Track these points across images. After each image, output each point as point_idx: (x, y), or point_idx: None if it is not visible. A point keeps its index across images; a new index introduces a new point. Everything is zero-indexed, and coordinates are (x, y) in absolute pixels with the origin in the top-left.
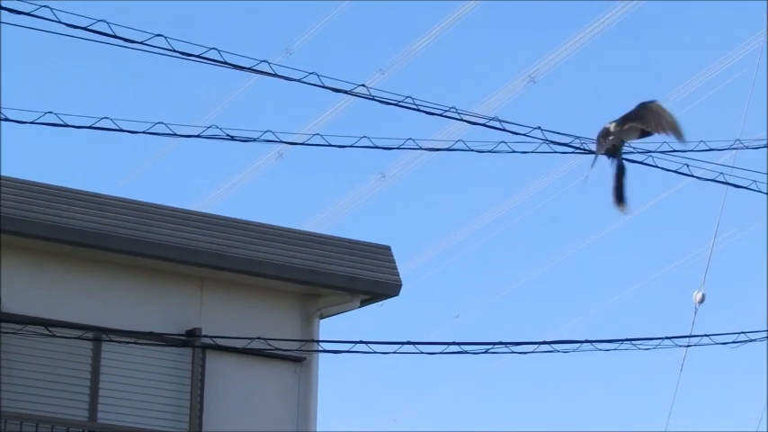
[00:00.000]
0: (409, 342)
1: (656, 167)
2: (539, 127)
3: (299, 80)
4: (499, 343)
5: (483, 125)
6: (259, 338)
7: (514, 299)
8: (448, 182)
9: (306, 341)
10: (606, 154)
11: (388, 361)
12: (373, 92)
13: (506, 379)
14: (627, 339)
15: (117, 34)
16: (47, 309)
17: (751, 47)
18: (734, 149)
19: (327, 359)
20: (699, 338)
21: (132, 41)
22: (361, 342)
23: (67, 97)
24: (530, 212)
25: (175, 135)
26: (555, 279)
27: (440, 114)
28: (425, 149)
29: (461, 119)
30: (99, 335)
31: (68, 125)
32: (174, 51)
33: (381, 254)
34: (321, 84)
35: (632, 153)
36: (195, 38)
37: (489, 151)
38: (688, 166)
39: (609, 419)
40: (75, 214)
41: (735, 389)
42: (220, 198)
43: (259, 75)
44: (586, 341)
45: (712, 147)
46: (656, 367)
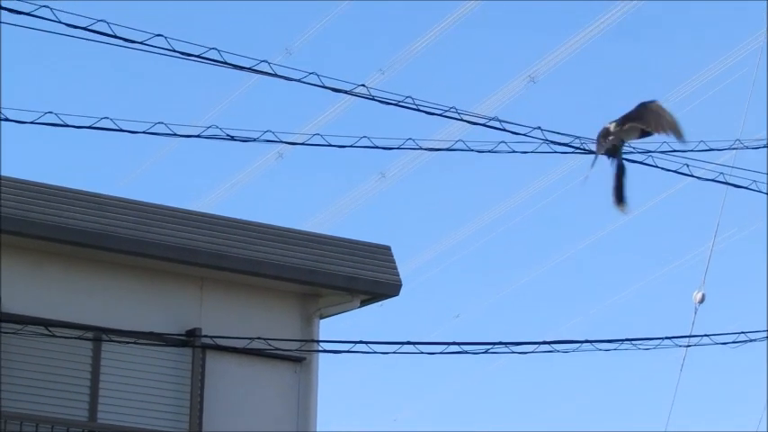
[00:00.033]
0: (409, 342)
1: (656, 167)
2: (539, 127)
3: (299, 80)
4: (499, 343)
5: (483, 125)
6: (259, 338)
7: (514, 299)
8: (448, 182)
9: (306, 341)
10: (606, 154)
11: (388, 361)
12: (373, 92)
13: (506, 379)
14: (627, 339)
15: (117, 34)
16: (47, 309)
17: (751, 47)
18: (734, 149)
19: (327, 359)
20: (699, 338)
21: (132, 41)
22: (361, 342)
23: (67, 97)
24: (530, 212)
25: (175, 135)
26: (555, 279)
27: (440, 114)
28: (425, 149)
29: (461, 119)
30: (99, 335)
31: (68, 125)
32: (174, 51)
33: (381, 254)
34: (321, 84)
35: (632, 153)
36: (195, 38)
37: (489, 151)
38: (688, 166)
39: (609, 419)
40: (75, 214)
41: (735, 389)
42: (220, 198)
43: (259, 75)
44: (586, 341)
45: (712, 147)
46: (656, 367)
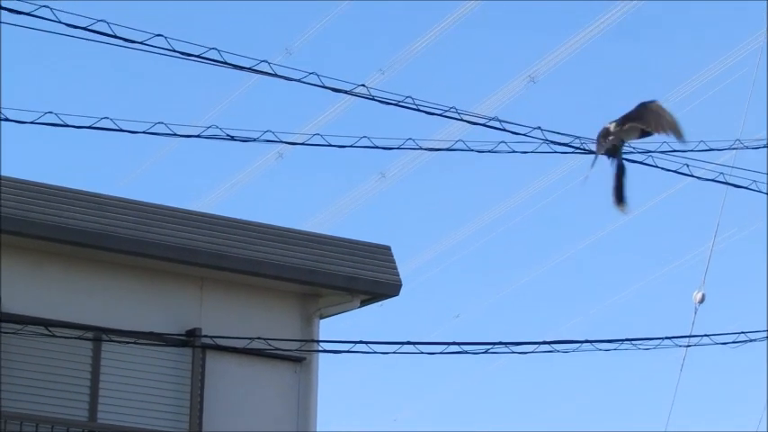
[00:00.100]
0: (409, 342)
1: (656, 167)
2: (539, 127)
3: (299, 80)
4: (499, 343)
5: (483, 125)
6: (259, 338)
7: (514, 299)
8: (448, 182)
9: (306, 341)
10: (606, 154)
11: (388, 361)
12: (373, 92)
13: (506, 379)
14: (627, 339)
15: (117, 34)
16: (47, 309)
17: (751, 47)
18: (734, 149)
19: (327, 359)
20: (699, 338)
21: (132, 41)
22: (361, 342)
23: (67, 97)
24: (530, 212)
25: (175, 135)
26: (555, 279)
27: (440, 114)
28: (425, 149)
29: (461, 119)
30: (99, 335)
31: (68, 125)
32: (174, 51)
33: (381, 254)
34: (321, 84)
35: (632, 153)
36: (195, 38)
37: (489, 151)
38: (688, 166)
39: (609, 419)
40: (75, 214)
41: (735, 389)
42: (220, 198)
43: (259, 75)
44: (586, 341)
45: (712, 147)
46: (656, 367)
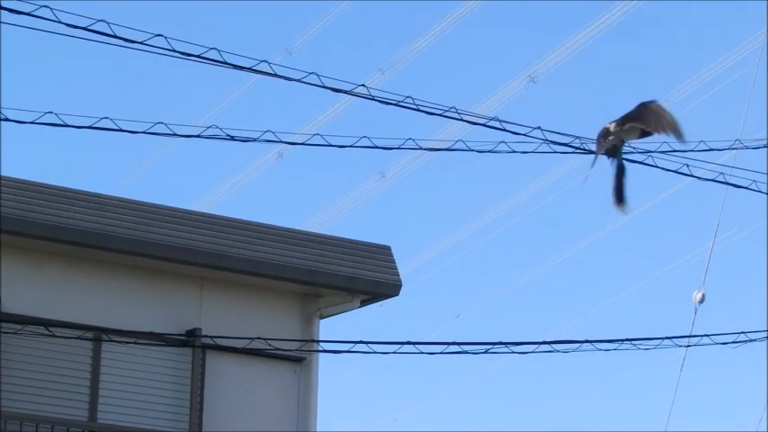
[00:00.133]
0: (409, 342)
1: (656, 167)
2: (539, 127)
3: (299, 80)
4: (499, 343)
5: (483, 125)
6: (259, 338)
7: (514, 299)
8: (448, 182)
9: (306, 341)
10: (606, 154)
11: (388, 361)
12: (373, 92)
13: (506, 379)
14: (627, 339)
15: (117, 34)
16: (47, 309)
17: (751, 47)
18: (734, 149)
19: (327, 359)
20: (699, 338)
21: (132, 41)
22: (361, 342)
23: (67, 97)
24: (530, 212)
25: (175, 135)
26: (555, 279)
27: (440, 114)
28: (425, 149)
29: (461, 119)
30: (99, 335)
31: (68, 125)
32: (174, 51)
33: (381, 254)
34: (321, 84)
35: (632, 153)
36: (195, 38)
37: (489, 151)
38: (688, 166)
39: (609, 419)
40: (75, 214)
41: (735, 389)
42: (220, 198)
43: (259, 75)
44: (586, 341)
45: (712, 147)
46: (656, 367)
